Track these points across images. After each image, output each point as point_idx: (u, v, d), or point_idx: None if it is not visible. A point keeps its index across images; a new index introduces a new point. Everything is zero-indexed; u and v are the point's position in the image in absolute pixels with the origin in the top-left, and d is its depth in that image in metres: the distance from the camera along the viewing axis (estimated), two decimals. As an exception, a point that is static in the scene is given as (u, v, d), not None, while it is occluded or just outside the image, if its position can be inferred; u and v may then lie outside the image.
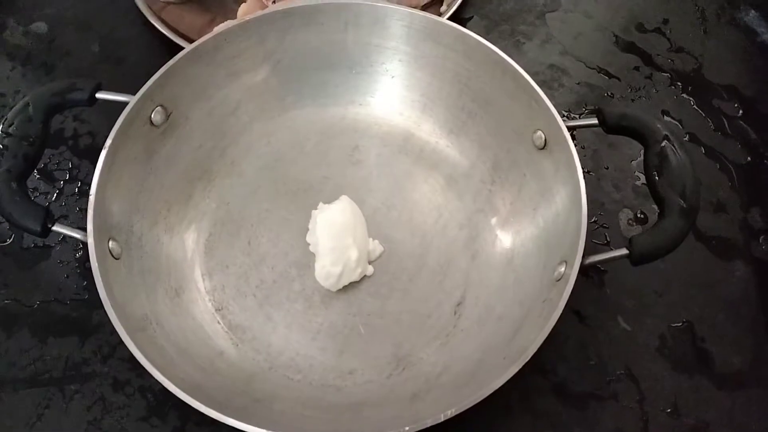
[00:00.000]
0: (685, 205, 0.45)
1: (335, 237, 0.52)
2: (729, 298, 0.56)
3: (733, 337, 0.54)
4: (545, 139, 0.52)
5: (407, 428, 0.39)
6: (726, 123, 0.65)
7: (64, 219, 0.51)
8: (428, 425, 0.39)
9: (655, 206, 0.58)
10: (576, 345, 0.53)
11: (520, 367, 0.41)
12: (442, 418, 0.39)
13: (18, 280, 0.54)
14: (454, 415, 0.40)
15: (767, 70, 0.68)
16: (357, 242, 0.53)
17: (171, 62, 0.51)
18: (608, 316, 0.54)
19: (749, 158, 0.63)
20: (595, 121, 0.50)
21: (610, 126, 0.50)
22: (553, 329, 0.43)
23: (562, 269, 0.46)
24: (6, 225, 0.56)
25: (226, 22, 0.57)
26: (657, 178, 0.47)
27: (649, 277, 0.56)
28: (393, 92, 0.60)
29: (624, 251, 0.46)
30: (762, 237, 0.59)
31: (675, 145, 0.47)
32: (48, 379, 0.50)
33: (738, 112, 0.65)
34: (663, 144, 0.47)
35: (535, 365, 0.50)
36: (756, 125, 0.64)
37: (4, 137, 0.47)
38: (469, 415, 0.41)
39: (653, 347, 0.53)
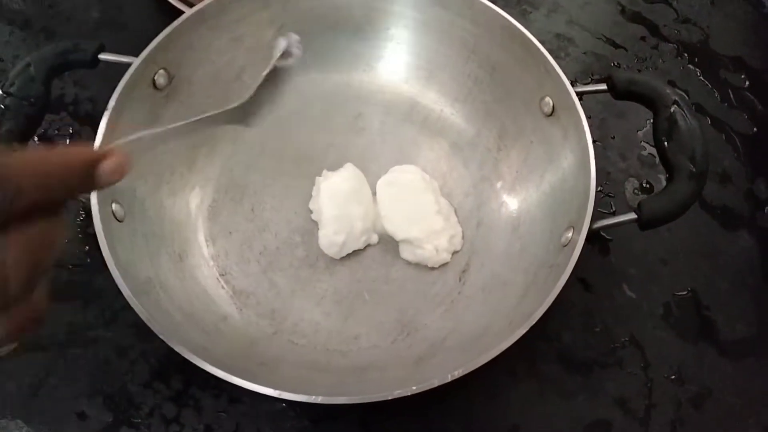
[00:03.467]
0: (694, 170, 0.45)
1: (339, 205, 0.52)
2: (733, 268, 0.56)
3: (737, 305, 0.54)
4: (553, 106, 0.51)
5: (414, 387, 0.39)
6: (732, 94, 0.64)
7: (65, 184, 0.51)
8: (435, 385, 0.39)
9: (661, 176, 0.58)
10: (581, 313, 0.53)
11: (528, 328, 0.41)
12: (449, 378, 0.39)
13: (19, 244, 0.54)
14: (460, 375, 0.40)
15: (774, 41, 0.68)
16: (362, 210, 0.53)
17: (174, 24, 0.51)
18: (613, 285, 0.54)
19: (755, 129, 0.62)
20: (603, 87, 0.50)
21: (619, 92, 0.49)
22: (558, 297, 0.42)
23: (570, 234, 0.46)
24: (7, 190, 0.56)
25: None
26: (666, 143, 0.46)
27: (654, 246, 0.56)
28: (398, 59, 0.59)
29: (632, 215, 0.45)
30: (767, 207, 0.58)
31: (684, 110, 0.47)
32: (51, 344, 0.50)
33: (744, 84, 0.65)
34: (672, 109, 0.47)
35: (541, 332, 0.50)
36: (762, 96, 0.64)
37: (5, 97, 0.46)
38: (475, 379, 0.41)
39: (658, 315, 0.53)
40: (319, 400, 0.39)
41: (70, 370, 0.49)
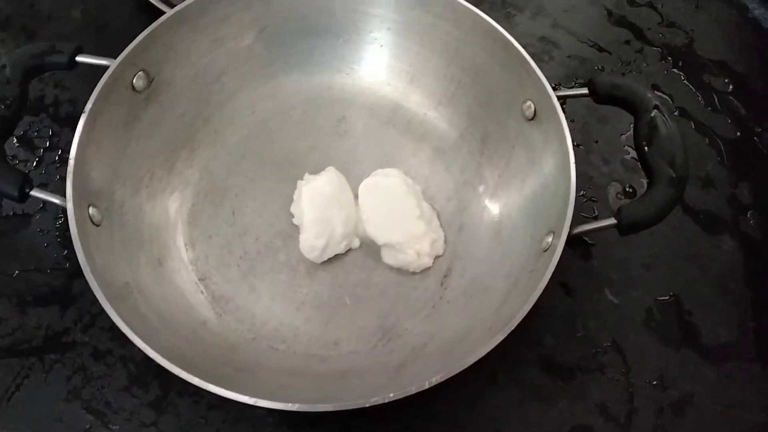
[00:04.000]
0: (674, 175, 0.44)
1: (320, 209, 0.52)
2: (715, 272, 0.56)
3: (719, 310, 0.54)
4: (535, 110, 0.51)
5: (392, 395, 0.39)
6: (716, 98, 0.64)
7: (44, 187, 0.50)
8: (413, 392, 0.39)
9: (643, 180, 0.58)
10: (563, 317, 0.53)
11: (507, 334, 0.41)
12: (427, 385, 0.39)
13: (-4, 248, 0.53)
14: (439, 381, 0.39)
15: (758, 45, 0.68)
16: (343, 214, 0.52)
17: (154, 25, 0.50)
18: (595, 289, 0.54)
19: (738, 134, 0.62)
20: (585, 91, 0.50)
21: (601, 95, 0.49)
22: (540, 302, 0.42)
23: (550, 239, 0.46)
24: (-16, 192, 0.55)
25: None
26: (647, 148, 0.46)
27: (637, 250, 0.56)
28: (381, 61, 0.59)
29: (612, 221, 0.45)
30: (750, 212, 0.58)
31: (665, 115, 0.46)
32: (27, 349, 0.50)
33: (728, 88, 0.65)
34: (653, 114, 0.47)
35: (522, 337, 0.50)
36: (746, 101, 0.64)
37: (-21, 100, 0.45)
38: (456, 385, 0.41)
39: (640, 320, 0.53)
40: (296, 407, 0.39)
41: (48, 374, 0.49)
